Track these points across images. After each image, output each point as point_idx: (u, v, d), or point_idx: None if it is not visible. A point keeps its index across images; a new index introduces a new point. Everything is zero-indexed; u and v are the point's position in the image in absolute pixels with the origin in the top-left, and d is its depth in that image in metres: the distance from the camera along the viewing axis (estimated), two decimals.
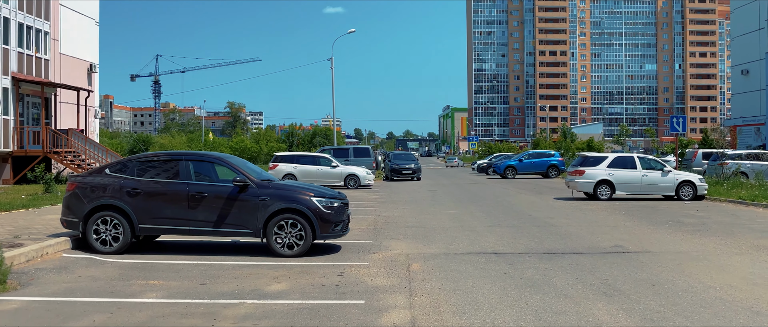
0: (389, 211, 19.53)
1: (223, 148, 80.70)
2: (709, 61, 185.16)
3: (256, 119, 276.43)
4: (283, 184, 11.53)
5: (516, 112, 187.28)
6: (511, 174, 42.54)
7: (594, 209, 19.93)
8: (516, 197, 25.50)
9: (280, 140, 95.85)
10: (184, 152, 11.77)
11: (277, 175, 31.94)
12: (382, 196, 26.79)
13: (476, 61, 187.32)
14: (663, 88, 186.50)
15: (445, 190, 30.49)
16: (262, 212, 10.94)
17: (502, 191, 29.47)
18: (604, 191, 23.26)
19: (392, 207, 21.17)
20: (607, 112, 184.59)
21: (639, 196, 24.08)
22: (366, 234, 14.19)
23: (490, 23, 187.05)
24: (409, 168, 40.17)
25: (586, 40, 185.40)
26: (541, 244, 12.39)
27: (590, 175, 23.36)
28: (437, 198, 25.25)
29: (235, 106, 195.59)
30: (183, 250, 11.81)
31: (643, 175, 23.31)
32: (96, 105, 43.04)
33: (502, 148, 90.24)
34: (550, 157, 43.85)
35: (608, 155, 23.99)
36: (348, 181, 31.79)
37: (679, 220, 16.85)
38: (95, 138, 41.87)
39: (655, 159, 24.15)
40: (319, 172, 31.97)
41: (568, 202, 22.55)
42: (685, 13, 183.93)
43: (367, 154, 37.51)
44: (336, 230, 11.25)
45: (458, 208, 20.40)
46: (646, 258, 10.81)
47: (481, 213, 18.82)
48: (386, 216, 18.21)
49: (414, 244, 12.52)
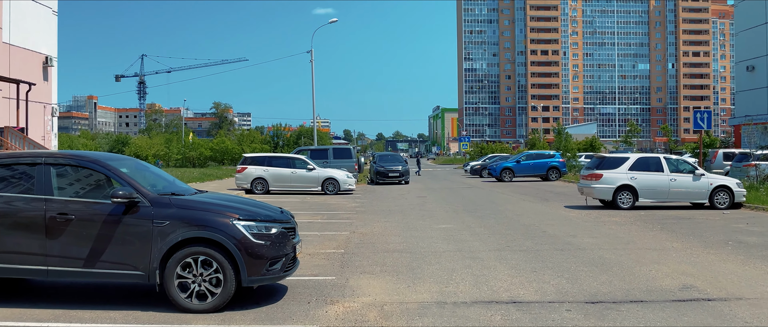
0: (368, 225, 15.73)
1: (202, 148, 76.62)
2: (702, 60, 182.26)
3: (244, 120, 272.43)
4: (194, 201, 7.61)
5: (507, 112, 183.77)
6: (508, 177, 38.81)
7: (620, 222, 16.19)
8: (519, 205, 21.74)
9: (264, 141, 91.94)
10: (43, 152, 7.87)
11: (245, 180, 28.11)
12: (363, 203, 22.98)
13: (467, 61, 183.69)
14: (656, 88, 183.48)
15: (436, 196, 26.71)
16: (157, 243, 7.15)
17: (502, 197, 25.71)
18: (625, 199, 19.53)
19: (373, 219, 17.37)
20: (600, 112, 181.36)
21: (665, 204, 20.37)
22: (330, 263, 10.40)
23: (480, 22, 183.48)
24: (396, 170, 36.33)
25: (578, 40, 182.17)
26: (576, 284, 8.62)
27: (609, 180, 19.61)
28: (427, 207, 21.46)
29: (222, 106, 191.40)
30: (34, 297, 7.96)
31: (671, 179, 19.59)
32: (53, 101, 38.95)
33: (494, 148, 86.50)
34: (550, 158, 40.12)
35: (629, 156, 20.24)
36: (326, 185, 27.95)
37: (738, 238, 13.11)
38: (52, 138, 37.91)
39: (684, 160, 20.45)
40: (293, 175, 28.12)
41: (584, 213, 18.80)
42: (678, 12, 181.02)
43: (348, 156, 33.62)
44: (272, 270, 7.43)
45: (453, 221, 16.61)
46: (744, 312, 7.06)
47: (482, 228, 15.03)
48: (363, 232, 14.40)
49: (394, 284, 8.72)
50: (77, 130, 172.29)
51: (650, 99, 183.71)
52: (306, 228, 15.23)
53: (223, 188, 29.42)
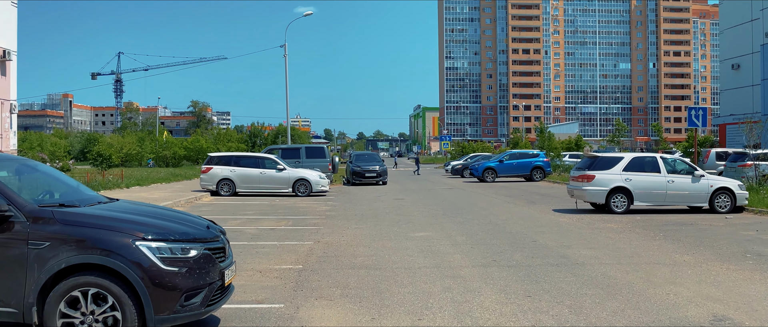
0: (335, 234, 13.97)
1: (176, 148, 74.50)
2: (683, 60, 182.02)
3: (224, 119, 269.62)
4: (87, 216, 5.74)
5: (488, 111, 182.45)
6: (490, 177, 37.20)
7: (617, 229, 14.56)
8: (504, 208, 20.08)
9: (241, 140, 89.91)
10: None
11: (210, 181, 26.25)
12: (335, 206, 21.21)
13: (448, 60, 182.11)
14: (637, 88, 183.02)
15: (414, 198, 25.00)
16: (34, 272, 5.37)
17: (485, 200, 24.06)
18: (619, 202, 17.92)
19: (342, 225, 15.61)
20: (581, 112, 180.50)
21: (662, 207, 18.80)
22: (282, 284, 8.63)
23: (462, 21, 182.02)
24: (372, 171, 34.56)
25: (559, 39, 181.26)
26: (581, 315, 6.93)
27: (602, 182, 17.98)
28: (404, 210, 19.74)
29: (200, 105, 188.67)
30: None
31: (668, 180, 18.01)
32: (12, 98, 36.74)
33: (476, 148, 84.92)
34: (534, 157, 38.51)
35: (623, 155, 18.63)
36: (297, 187, 26.15)
37: (756, 250, 11.49)
38: (10, 137, 35.74)
39: (682, 159, 18.89)
40: (262, 176, 26.29)
41: (576, 218, 17.16)
42: (659, 11, 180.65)
43: (321, 155, 31.77)
44: (190, 305, 5.65)
45: (432, 229, 14.89)
46: None
47: (464, 237, 13.33)
48: (329, 242, 12.66)
49: (354, 315, 6.99)
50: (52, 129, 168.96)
51: (631, 98, 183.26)
52: (265, 236, 13.47)
53: (187, 190, 27.54)
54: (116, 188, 26.98)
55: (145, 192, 25.55)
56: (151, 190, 26.84)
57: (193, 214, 7.28)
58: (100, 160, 38.37)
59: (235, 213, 19.04)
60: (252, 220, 17.02)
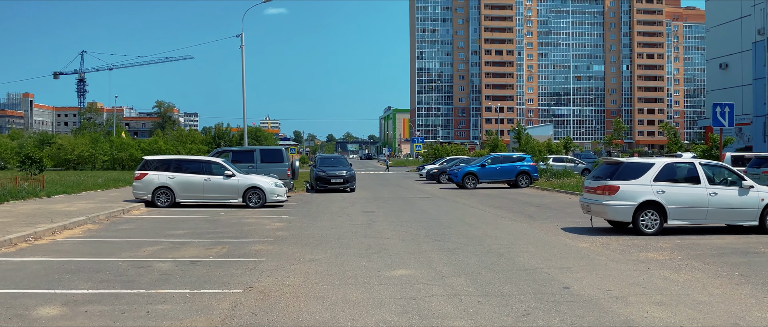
0: (280, 272, 9.90)
1: (133, 149, 69.90)
2: (656, 62, 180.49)
3: (191, 121, 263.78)
4: None
5: (461, 113, 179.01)
6: (471, 183, 33.28)
7: (666, 262, 10.68)
8: (500, 226, 16.12)
9: (205, 142, 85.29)
10: None
11: (145, 189, 21.97)
12: (290, 223, 17.09)
13: (419, 60, 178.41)
14: (610, 90, 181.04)
15: (387, 211, 20.95)
16: None
17: (473, 213, 20.10)
18: (650, 220, 14.06)
19: (293, 255, 11.53)
20: (554, 114, 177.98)
21: (700, 226, 15.00)
22: None
23: (434, 21, 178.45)
24: (339, 176, 30.41)
25: (533, 40, 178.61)
26: None
27: (628, 195, 14.08)
28: (376, 229, 15.68)
29: (165, 105, 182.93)
30: None
31: (710, 192, 14.20)
32: None
33: (450, 150, 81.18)
34: (520, 161, 34.63)
35: (654, 162, 14.73)
36: (248, 196, 21.97)
37: None
38: None
39: (726, 167, 15.06)
40: (206, 183, 22.05)
41: (598, 242, 13.23)
42: (632, 13, 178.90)
43: (279, 159, 27.50)
44: None
45: (414, 262, 10.86)
46: None
47: (463, 280, 9.32)
48: (265, 290, 8.59)
49: None
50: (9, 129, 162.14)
51: (605, 101, 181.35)
52: (177, 278, 9.36)
53: (120, 200, 23.22)
54: (31, 197, 22.58)
55: (64, 203, 21.18)
56: (74, 200, 22.47)
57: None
58: (29, 164, 33.72)
59: (159, 233, 14.84)
60: (175, 245, 12.86)
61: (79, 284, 9.03)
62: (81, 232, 15.02)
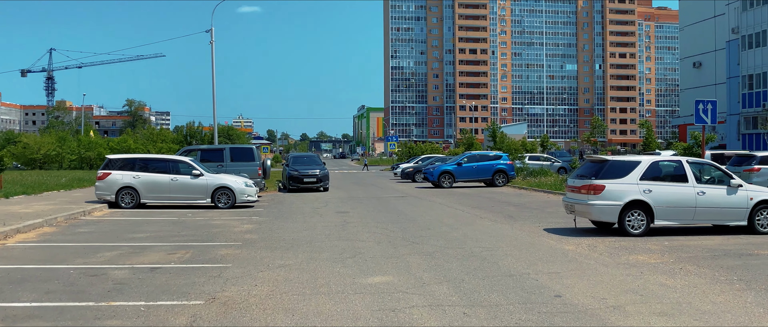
0: (247, 279, 9.12)
1: (101, 148, 68.30)
2: (628, 62, 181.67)
3: (163, 119, 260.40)
4: None
5: (435, 111, 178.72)
6: (447, 182, 32.66)
7: (658, 266, 10.08)
8: (480, 228, 15.46)
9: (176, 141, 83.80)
10: None
11: (108, 189, 21.00)
12: (260, 225, 16.27)
13: (393, 59, 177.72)
14: (583, 89, 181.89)
15: (362, 211, 20.22)
16: None
17: (451, 213, 19.44)
18: (636, 221, 13.48)
19: (262, 260, 10.75)
20: (528, 113, 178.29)
21: (687, 226, 14.46)
22: None
23: (408, 19, 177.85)
24: (312, 175, 29.61)
25: (506, 39, 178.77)
26: None
27: (614, 194, 13.49)
28: (350, 231, 14.94)
29: (135, 103, 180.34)
30: None
31: (698, 192, 13.66)
32: None
33: (424, 148, 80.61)
34: (497, 160, 34.07)
35: (640, 159, 14.15)
36: (217, 196, 21.11)
37: None
38: None
39: (714, 165, 14.53)
40: (173, 183, 21.14)
41: (585, 243, 12.61)
42: (605, 13, 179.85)
43: (250, 157, 26.61)
44: None
45: (392, 267, 10.13)
46: None
47: (445, 287, 8.61)
48: (229, 301, 7.82)
49: None
50: None
51: (578, 100, 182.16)
52: (133, 288, 8.53)
53: (82, 200, 22.21)
54: None
55: (22, 204, 20.14)
56: (33, 201, 21.42)
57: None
58: None
59: (119, 237, 13.95)
60: (135, 250, 12.00)
61: (21, 296, 8.18)
62: (36, 235, 14.09)
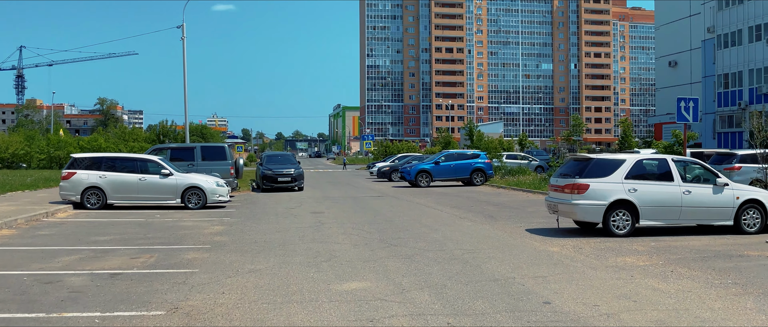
0: (213, 286, 8.49)
1: (71, 147, 66.89)
2: (603, 61, 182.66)
3: (136, 118, 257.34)
4: None
5: (411, 110, 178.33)
6: (424, 181, 32.18)
7: (648, 268, 9.61)
8: (460, 228, 14.94)
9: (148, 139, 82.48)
10: None
11: (73, 190, 20.21)
12: (231, 226, 15.62)
13: (369, 58, 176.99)
14: (559, 88, 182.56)
15: (337, 211, 19.63)
16: None
17: (429, 213, 18.91)
18: (621, 221, 13.05)
19: (231, 265, 10.12)
20: (504, 112, 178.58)
21: (673, 226, 14.05)
22: None
23: (384, 18, 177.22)
24: (286, 175, 28.95)
25: (483, 38, 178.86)
26: None
27: (598, 193, 13.04)
28: (325, 232, 14.35)
29: (107, 102, 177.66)
30: None
31: (684, 191, 13.27)
32: None
33: (400, 147, 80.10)
34: (474, 158, 33.66)
35: (624, 157, 13.73)
36: (188, 197, 20.40)
37: None
38: None
39: (699, 163, 14.15)
40: (141, 183, 20.39)
41: (569, 245, 12.14)
42: (580, 13, 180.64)
43: (222, 156, 25.87)
44: None
45: (369, 271, 9.57)
46: None
47: (426, 294, 8.06)
48: (193, 310, 7.20)
49: None
50: None
51: (553, 99, 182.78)
52: (89, 296, 7.87)
53: (45, 201, 21.37)
54: None
55: None
56: None
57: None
58: None
59: (81, 240, 13.23)
60: (96, 254, 11.31)
61: None
62: None
